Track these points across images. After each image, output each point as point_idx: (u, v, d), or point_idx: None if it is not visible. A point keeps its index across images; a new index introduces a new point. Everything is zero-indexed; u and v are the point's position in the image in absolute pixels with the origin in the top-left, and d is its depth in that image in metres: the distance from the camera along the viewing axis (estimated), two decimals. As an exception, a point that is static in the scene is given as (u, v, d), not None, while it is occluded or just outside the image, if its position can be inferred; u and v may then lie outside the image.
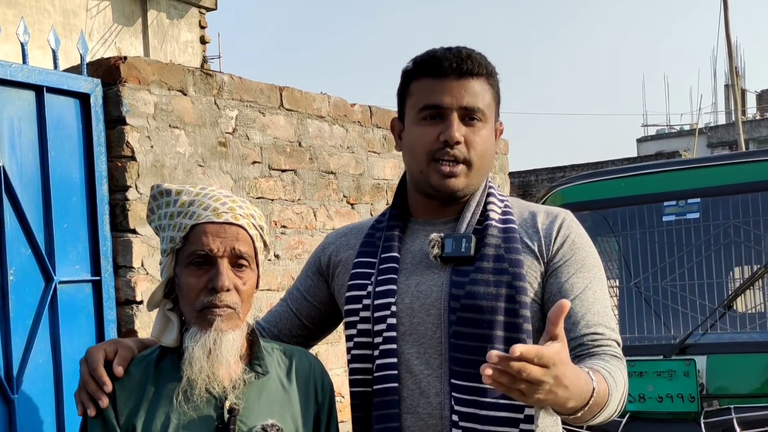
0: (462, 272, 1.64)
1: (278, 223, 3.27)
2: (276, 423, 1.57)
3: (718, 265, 3.67)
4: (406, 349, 1.65)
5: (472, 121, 1.67)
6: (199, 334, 1.55)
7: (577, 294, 1.63)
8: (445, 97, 1.65)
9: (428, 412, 1.62)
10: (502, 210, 1.72)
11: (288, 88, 3.36)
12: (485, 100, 1.68)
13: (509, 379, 1.27)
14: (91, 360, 1.61)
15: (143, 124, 2.70)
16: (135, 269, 2.64)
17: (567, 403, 1.38)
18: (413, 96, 1.71)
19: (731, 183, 3.66)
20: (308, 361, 1.72)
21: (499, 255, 1.64)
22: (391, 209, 1.79)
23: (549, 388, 1.30)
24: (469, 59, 1.67)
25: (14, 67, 2.36)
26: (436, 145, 1.65)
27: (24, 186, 2.38)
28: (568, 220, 1.72)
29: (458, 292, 1.62)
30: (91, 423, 1.56)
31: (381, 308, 1.66)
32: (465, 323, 1.61)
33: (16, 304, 2.32)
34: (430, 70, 1.68)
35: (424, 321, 1.65)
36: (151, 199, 1.65)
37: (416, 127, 1.69)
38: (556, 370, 1.29)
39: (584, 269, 1.67)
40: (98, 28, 11.43)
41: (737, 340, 3.47)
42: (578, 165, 15.30)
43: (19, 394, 2.30)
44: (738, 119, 13.60)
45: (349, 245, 1.82)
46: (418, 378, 1.63)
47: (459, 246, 1.65)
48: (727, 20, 12.01)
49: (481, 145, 1.68)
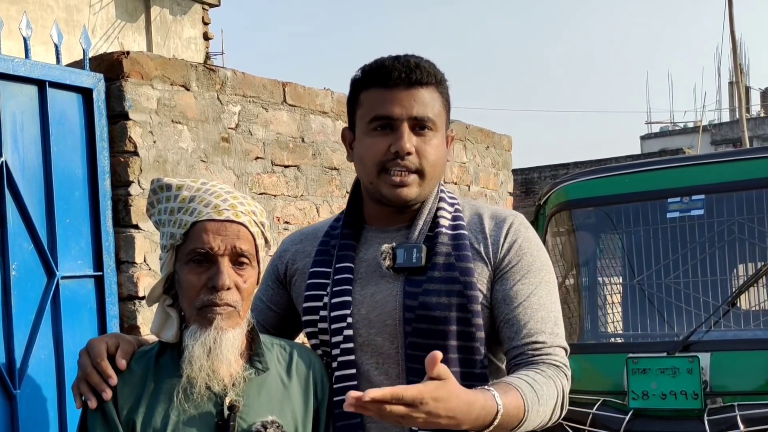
0: (415, 282, 1.64)
1: (281, 219, 3.26)
2: (276, 419, 1.56)
3: (722, 262, 3.66)
4: (365, 359, 1.66)
5: (423, 131, 1.65)
6: (199, 332, 1.54)
7: (521, 301, 1.63)
8: (395, 107, 1.63)
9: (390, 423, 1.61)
10: (452, 215, 1.71)
11: (291, 83, 3.35)
12: (435, 109, 1.67)
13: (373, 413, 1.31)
14: (94, 352, 1.60)
15: (146, 119, 2.70)
16: (137, 265, 2.64)
17: (460, 427, 1.40)
18: (363, 106, 1.69)
19: (735, 180, 3.64)
20: (308, 357, 1.71)
21: (450, 264, 1.64)
22: (345, 217, 1.78)
23: (425, 420, 1.34)
24: (417, 68, 1.65)
25: (17, 61, 2.35)
26: (387, 156, 1.64)
27: (26, 181, 2.38)
28: (516, 224, 1.71)
29: (412, 303, 1.63)
30: (92, 416, 1.55)
31: (337, 320, 1.66)
32: (420, 334, 1.61)
33: (19, 299, 2.32)
34: (378, 80, 1.66)
35: (380, 332, 1.65)
36: (151, 192, 1.64)
37: (366, 138, 1.67)
38: (426, 407, 1.32)
39: (530, 274, 1.66)
40: (101, 25, 11.44)
41: (741, 338, 3.46)
42: (581, 162, 15.29)
43: (22, 388, 2.30)
44: (742, 116, 13.57)
45: (305, 252, 1.81)
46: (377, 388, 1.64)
47: (410, 256, 1.64)
48: (731, 17, 11.99)
49: (433, 154, 1.66)
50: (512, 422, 1.48)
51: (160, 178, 1.64)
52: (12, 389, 2.28)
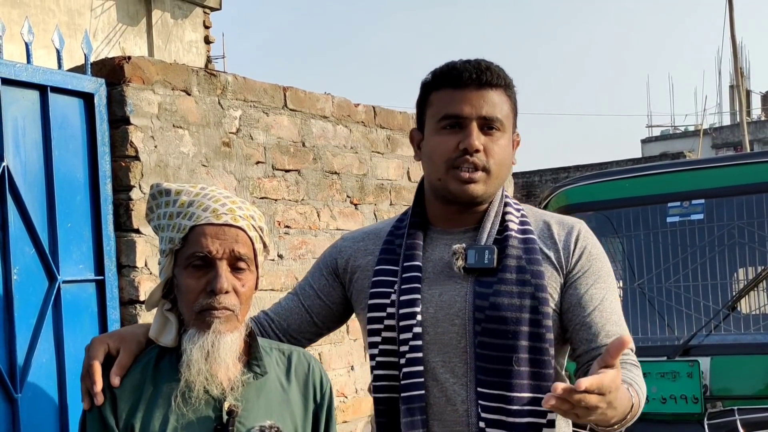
0: (485, 283, 1.68)
1: (282, 223, 3.27)
2: (274, 424, 1.56)
3: (722, 267, 3.67)
4: (431, 357, 1.69)
5: (491, 131, 1.71)
6: (197, 336, 1.54)
7: (596, 305, 1.69)
8: (465, 106, 1.69)
9: (454, 419, 1.67)
10: (519, 220, 1.76)
11: (292, 88, 3.36)
12: (503, 110, 1.72)
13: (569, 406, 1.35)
14: (89, 355, 1.62)
15: (147, 123, 2.71)
16: (138, 269, 2.65)
17: (611, 420, 1.49)
18: (433, 106, 1.75)
19: (736, 184, 3.65)
20: (307, 361, 1.72)
21: (521, 266, 1.68)
22: (411, 217, 1.82)
23: (602, 411, 1.40)
24: (488, 70, 1.71)
25: (18, 66, 2.36)
26: (456, 153, 1.69)
27: (28, 185, 2.39)
28: (584, 231, 1.77)
29: (482, 303, 1.67)
30: (90, 420, 1.56)
31: (406, 317, 1.70)
32: (490, 334, 1.65)
33: (20, 304, 2.33)
34: (449, 81, 1.72)
35: (448, 330, 1.69)
36: (150, 198, 1.65)
37: (436, 136, 1.73)
38: (610, 397, 1.39)
39: (601, 280, 1.72)
40: (102, 28, 11.45)
41: (741, 342, 3.47)
42: (582, 166, 15.28)
43: (23, 392, 2.30)
44: (743, 120, 13.59)
45: (367, 251, 1.85)
46: (444, 386, 1.68)
47: (482, 257, 1.69)
48: (732, 21, 11.99)
49: (500, 153, 1.72)
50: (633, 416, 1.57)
51: (159, 183, 1.65)
52: (13, 393, 2.28)
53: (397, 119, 3.92)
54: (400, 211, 3.90)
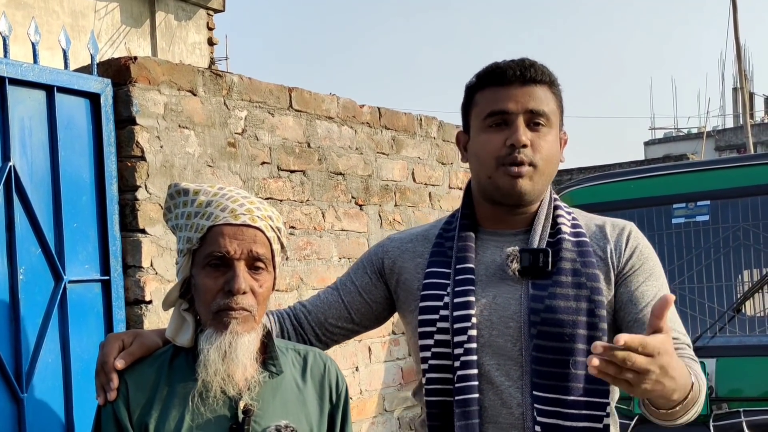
0: (540, 286, 1.68)
1: (287, 224, 3.27)
2: (290, 424, 1.56)
3: (728, 268, 3.66)
4: (485, 360, 1.68)
5: (538, 126, 1.71)
6: (214, 336, 1.54)
7: (649, 301, 1.67)
8: (510, 103, 1.69)
9: (510, 423, 1.66)
10: (571, 223, 1.76)
11: (297, 88, 3.36)
12: (549, 106, 1.73)
13: (615, 369, 1.29)
14: (105, 351, 1.62)
15: (153, 124, 2.71)
16: (144, 269, 2.65)
17: (673, 395, 1.42)
18: (478, 105, 1.75)
19: (741, 186, 3.65)
20: (322, 361, 1.71)
21: (576, 269, 1.68)
22: (461, 219, 1.81)
23: (656, 378, 1.33)
24: (532, 67, 1.72)
25: (25, 66, 2.36)
26: (504, 150, 1.69)
27: (34, 186, 2.39)
28: (634, 231, 1.77)
29: (537, 306, 1.66)
30: (105, 417, 1.56)
31: (461, 320, 1.68)
32: (546, 337, 1.64)
33: (26, 304, 2.33)
34: (493, 79, 1.73)
35: (502, 333, 1.68)
36: (168, 197, 1.64)
37: (482, 134, 1.73)
38: (661, 360, 1.32)
39: (653, 277, 1.72)
40: (106, 30, 11.47)
41: (747, 343, 3.46)
42: (585, 168, 15.27)
43: (29, 392, 2.30)
44: (746, 122, 13.57)
45: (416, 252, 1.84)
46: (499, 389, 1.67)
47: (536, 260, 1.68)
48: (736, 23, 11.99)
49: (547, 149, 1.71)
50: (694, 399, 1.52)
51: (177, 183, 1.65)
52: (19, 393, 2.28)
53: (402, 120, 3.92)
54: (406, 212, 3.92)
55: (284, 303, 3.20)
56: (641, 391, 1.35)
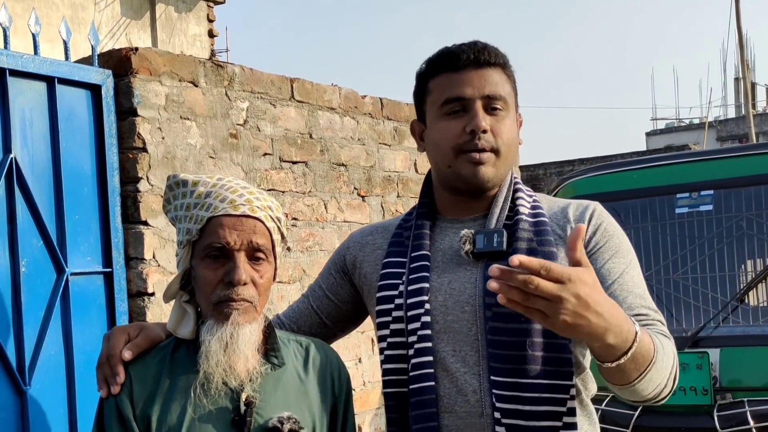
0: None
1: (289, 215, 3.26)
2: (292, 415, 1.55)
3: (731, 258, 3.66)
4: (441, 347, 1.63)
5: (495, 111, 1.66)
6: (215, 327, 1.53)
7: (615, 278, 1.61)
8: (467, 88, 1.64)
9: (466, 411, 1.61)
10: (531, 204, 1.70)
11: (299, 79, 3.35)
12: (505, 89, 1.68)
13: (521, 294, 1.23)
14: (110, 344, 1.60)
15: (154, 115, 2.70)
16: (146, 261, 2.64)
17: (606, 336, 1.33)
18: (433, 93, 1.70)
19: (744, 175, 3.64)
20: (325, 353, 1.70)
21: (532, 248, 1.62)
22: (419, 208, 1.77)
23: (574, 309, 1.26)
24: (485, 50, 1.67)
25: (26, 58, 2.35)
26: (463, 137, 1.64)
27: (36, 177, 2.38)
28: (598, 209, 1.71)
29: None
30: (108, 409, 1.55)
31: (414, 306, 1.64)
32: (501, 319, 1.58)
33: (28, 296, 2.32)
34: (446, 65, 1.68)
35: (458, 318, 1.63)
36: (167, 189, 1.63)
37: (440, 122, 1.68)
38: (575, 288, 1.25)
39: (619, 254, 1.64)
40: (106, 22, 11.44)
41: (750, 333, 3.46)
42: (587, 159, 15.26)
43: (32, 385, 2.30)
44: (748, 112, 13.54)
45: (376, 245, 1.81)
46: (454, 376, 1.62)
47: (491, 241, 1.63)
48: (738, 12, 11.94)
49: (507, 133, 1.67)
50: (645, 358, 1.42)
51: (176, 174, 1.63)
52: (22, 385, 2.28)
53: (404, 111, 3.91)
54: (408, 203, 3.90)
55: (287, 294, 3.19)
56: (560, 325, 1.27)
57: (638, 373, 1.43)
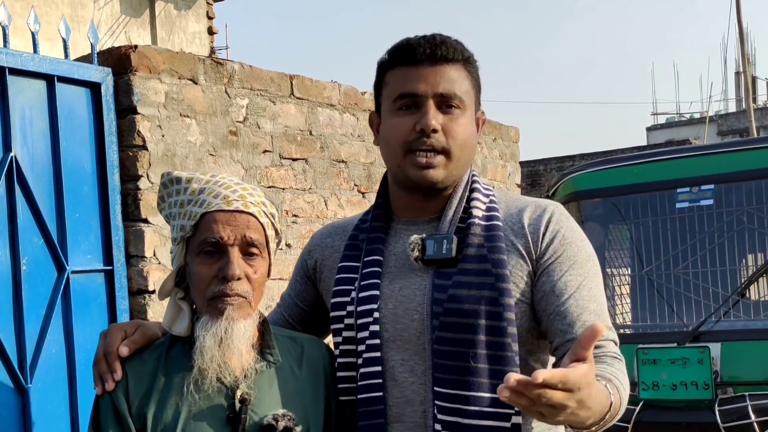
0: (445, 275, 1.56)
1: (289, 212, 3.26)
2: (287, 412, 1.55)
3: (732, 252, 3.65)
4: (390, 356, 1.58)
5: (450, 109, 1.59)
6: (210, 323, 1.53)
7: (572, 293, 1.54)
8: (420, 84, 1.58)
9: (414, 421, 1.56)
10: (486, 206, 1.63)
11: (298, 76, 3.35)
12: (463, 87, 1.60)
13: (528, 402, 1.19)
14: (107, 341, 1.60)
15: (154, 113, 2.69)
16: (147, 259, 2.64)
17: (587, 421, 1.32)
18: (388, 86, 1.63)
19: (745, 169, 3.63)
20: (319, 350, 1.70)
21: (482, 255, 1.55)
22: (374, 209, 1.71)
23: (572, 411, 1.23)
24: (443, 45, 1.59)
25: (25, 56, 2.35)
26: (413, 135, 1.57)
27: (36, 176, 2.38)
28: (557, 214, 1.62)
29: (441, 296, 1.55)
30: (104, 406, 1.55)
31: (364, 315, 1.59)
32: (448, 328, 1.53)
33: (29, 294, 2.32)
34: (403, 58, 1.61)
35: (408, 327, 1.57)
36: (161, 186, 1.64)
37: (391, 117, 1.61)
38: (580, 394, 1.22)
39: (577, 265, 1.57)
40: (106, 20, 11.43)
41: (751, 327, 3.46)
42: (587, 154, 15.25)
43: (33, 383, 2.30)
44: (749, 107, 13.52)
45: (333, 247, 1.75)
46: (402, 386, 1.58)
47: (440, 248, 1.57)
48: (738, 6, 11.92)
49: (461, 133, 1.59)
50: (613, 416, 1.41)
51: (169, 172, 1.64)
52: (24, 384, 2.28)
53: (404, 107, 3.91)
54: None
55: (288, 291, 3.20)
56: (554, 422, 1.27)
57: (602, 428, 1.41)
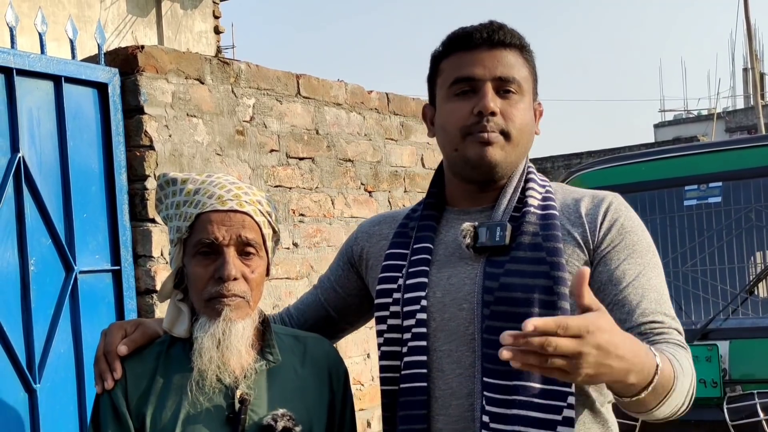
0: (496, 263, 1.52)
1: (296, 211, 3.26)
2: (287, 412, 1.54)
3: (740, 250, 3.64)
4: (437, 346, 1.54)
5: (508, 94, 1.56)
6: (208, 324, 1.52)
7: (630, 281, 1.49)
8: (477, 68, 1.55)
9: (459, 414, 1.52)
10: (542, 195, 1.59)
11: (305, 75, 3.35)
12: (521, 72, 1.58)
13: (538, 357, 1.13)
14: (107, 340, 1.60)
15: (161, 113, 2.70)
16: (155, 258, 2.64)
17: (628, 377, 1.24)
18: (443, 73, 1.61)
19: (753, 167, 3.62)
20: (323, 348, 1.69)
21: (536, 243, 1.51)
22: (426, 198, 1.69)
23: (596, 360, 1.16)
24: (500, 30, 1.57)
25: (33, 57, 2.36)
26: (471, 119, 1.54)
27: (43, 176, 2.39)
28: (615, 203, 1.58)
29: (492, 284, 1.50)
30: (103, 404, 1.56)
31: (410, 302, 1.56)
32: (499, 317, 1.48)
33: (37, 295, 2.33)
34: (459, 44, 1.58)
35: (455, 316, 1.54)
36: (158, 188, 1.63)
37: (448, 103, 1.58)
38: (595, 338, 1.15)
39: (636, 254, 1.52)
40: (112, 20, 11.46)
41: (760, 325, 3.45)
42: (595, 151, 15.23)
43: (42, 383, 2.31)
44: (757, 103, 13.48)
45: (381, 235, 1.73)
46: (449, 377, 1.53)
47: (493, 235, 1.53)
48: (746, 2, 11.88)
49: (519, 118, 1.56)
50: (665, 387, 1.33)
51: (165, 174, 1.64)
52: (32, 384, 2.29)
53: (411, 106, 3.90)
54: (415, 198, 3.90)
55: (295, 291, 3.20)
56: (585, 379, 1.18)
57: (657, 401, 1.35)
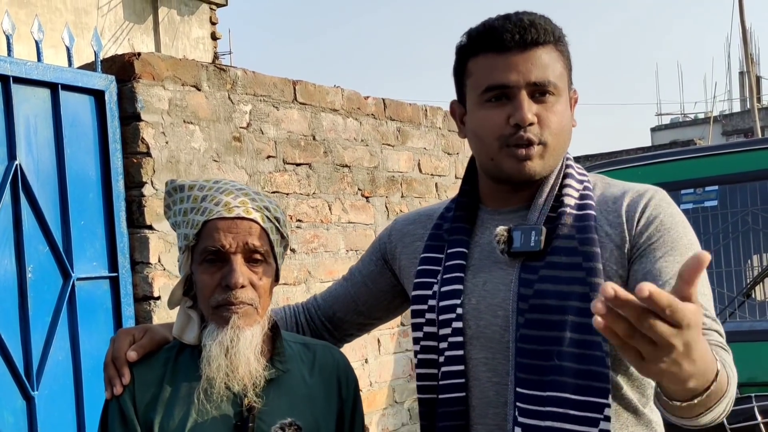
0: (531, 269, 1.46)
1: (293, 217, 3.26)
2: (294, 421, 1.54)
3: (737, 253, 3.64)
4: (473, 354, 1.49)
5: (544, 97, 1.47)
6: (216, 331, 1.52)
7: (667, 279, 1.38)
8: (511, 74, 1.46)
9: (496, 423, 1.48)
10: (580, 194, 1.51)
11: (301, 81, 3.35)
12: (556, 70, 1.49)
13: (627, 329, 0.99)
14: (116, 346, 1.60)
15: (158, 120, 2.70)
16: (152, 265, 2.65)
17: (688, 381, 1.11)
18: (473, 76, 1.52)
19: (749, 170, 3.63)
20: (332, 356, 1.69)
21: (572, 248, 1.44)
22: (459, 197, 1.62)
23: (677, 357, 1.03)
24: (533, 27, 1.47)
25: (29, 65, 2.36)
26: (507, 129, 1.46)
27: (41, 184, 2.39)
28: (656, 199, 1.49)
29: (527, 291, 1.45)
30: (112, 410, 1.56)
31: (446, 310, 1.51)
32: (533, 325, 1.42)
33: (35, 302, 2.33)
34: (489, 44, 1.48)
35: (490, 323, 1.48)
36: (166, 195, 1.64)
37: (480, 110, 1.50)
38: (689, 335, 1.01)
39: (675, 252, 1.42)
40: (109, 26, 11.47)
41: (757, 328, 3.44)
42: (592, 155, 15.24)
43: (40, 390, 2.31)
44: (753, 106, 13.50)
45: (416, 235, 1.67)
46: (485, 386, 1.49)
47: (528, 240, 1.46)
48: (741, 6, 11.91)
49: (557, 123, 1.48)
50: (718, 394, 1.21)
51: (173, 180, 1.63)
52: (30, 391, 2.29)
53: (407, 111, 3.91)
54: (412, 203, 3.91)
55: (293, 296, 3.20)
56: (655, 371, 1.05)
57: (705, 408, 1.23)
